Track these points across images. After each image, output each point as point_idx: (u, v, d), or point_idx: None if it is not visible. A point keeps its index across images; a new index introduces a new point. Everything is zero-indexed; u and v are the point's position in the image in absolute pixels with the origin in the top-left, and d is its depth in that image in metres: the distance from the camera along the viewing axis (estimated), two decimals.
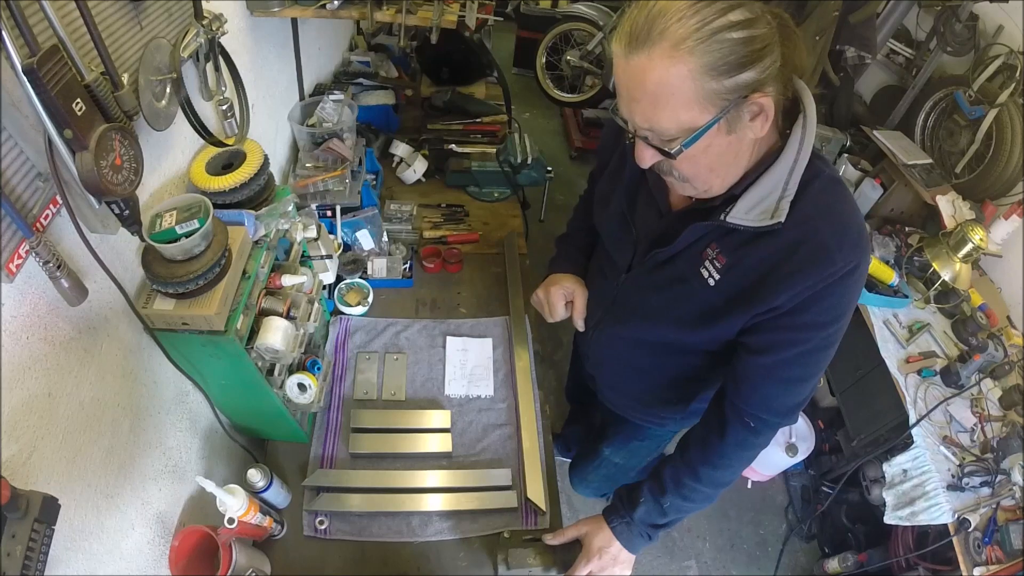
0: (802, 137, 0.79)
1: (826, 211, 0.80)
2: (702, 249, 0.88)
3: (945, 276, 1.83)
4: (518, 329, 1.56)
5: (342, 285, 1.59)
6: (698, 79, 0.68)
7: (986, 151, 2.08)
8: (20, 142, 0.66)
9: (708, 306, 0.90)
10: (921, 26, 2.45)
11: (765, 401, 0.92)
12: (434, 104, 2.18)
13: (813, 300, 0.81)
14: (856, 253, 0.80)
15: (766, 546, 2.23)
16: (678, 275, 0.92)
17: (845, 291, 0.82)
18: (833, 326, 0.85)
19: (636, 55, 0.69)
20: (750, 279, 0.84)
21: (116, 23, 0.79)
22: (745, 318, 0.87)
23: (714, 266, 0.87)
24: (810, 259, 0.79)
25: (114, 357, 0.90)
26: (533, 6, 4.07)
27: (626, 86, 0.73)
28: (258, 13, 1.30)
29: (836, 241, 0.79)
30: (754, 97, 0.71)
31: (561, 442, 2.15)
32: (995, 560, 1.42)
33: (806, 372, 0.89)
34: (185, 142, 1.07)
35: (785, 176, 0.79)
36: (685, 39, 0.66)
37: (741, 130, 0.74)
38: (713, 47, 0.67)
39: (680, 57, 0.67)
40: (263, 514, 1.09)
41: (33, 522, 0.61)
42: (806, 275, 0.79)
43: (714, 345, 0.97)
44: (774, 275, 0.81)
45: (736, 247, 0.84)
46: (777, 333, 0.86)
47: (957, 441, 1.62)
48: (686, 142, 0.73)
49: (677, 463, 1.01)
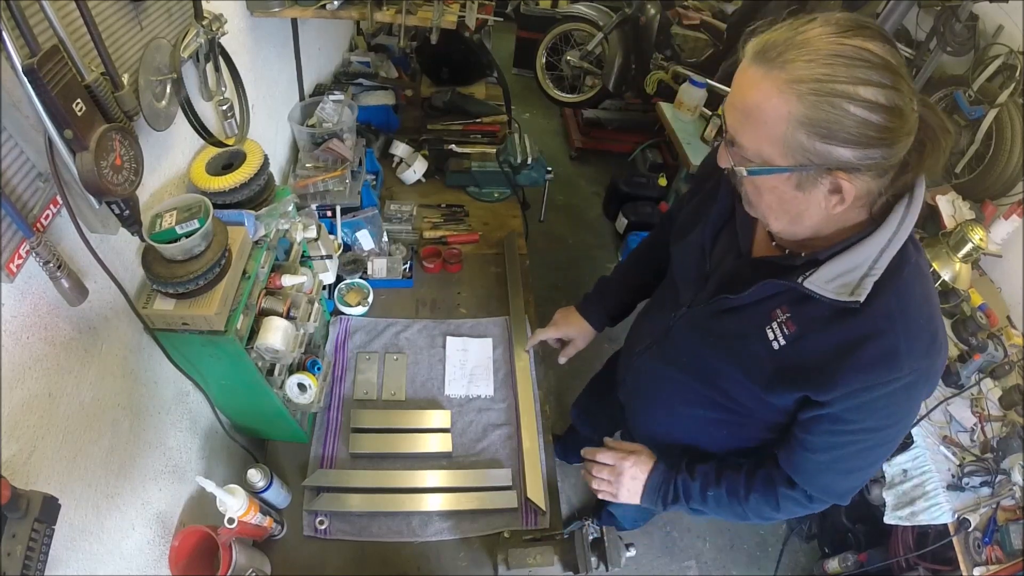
0: (902, 220, 0.74)
1: (907, 309, 0.75)
2: (772, 309, 0.83)
3: (945, 276, 1.83)
4: (518, 329, 1.56)
5: (342, 285, 1.59)
6: (792, 125, 0.66)
7: (986, 151, 2.08)
8: (20, 142, 0.66)
9: (763, 370, 0.85)
10: (921, 26, 2.45)
11: (824, 487, 0.92)
12: (434, 104, 2.18)
13: (871, 404, 0.78)
14: (926, 362, 0.76)
15: (766, 546, 2.23)
16: (741, 327, 0.87)
17: (907, 399, 0.79)
18: (892, 429, 0.82)
19: (755, 67, 0.68)
20: (812, 358, 0.79)
21: (116, 23, 0.79)
22: (792, 396, 0.84)
23: (782, 331, 0.82)
24: (876, 359, 0.75)
25: (114, 357, 0.90)
26: (533, 6, 4.08)
27: (735, 87, 0.72)
28: (258, 13, 1.30)
29: (907, 346, 0.74)
30: (838, 175, 0.68)
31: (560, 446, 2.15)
32: (995, 560, 1.42)
33: (862, 464, 0.88)
34: (185, 142, 1.07)
35: (875, 255, 0.74)
36: (802, 82, 0.64)
37: (812, 194, 0.72)
38: (824, 107, 0.64)
39: (788, 94, 0.65)
40: (263, 514, 1.09)
41: (33, 522, 0.61)
42: (866, 375, 0.75)
43: (759, 412, 0.93)
44: (835, 363, 0.77)
45: (808, 319, 0.80)
46: (833, 436, 0.84)
47: (957, 441, 1.62)
48: (752, 170, 0.73)
49: (738, 478, 0.99)
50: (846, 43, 0.63)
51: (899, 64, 0.65)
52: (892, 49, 0.65)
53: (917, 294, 0.77)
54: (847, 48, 0.63)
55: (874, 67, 0.63)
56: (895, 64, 0.64)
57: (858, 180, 0.68)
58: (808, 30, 0.66)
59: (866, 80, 0.63)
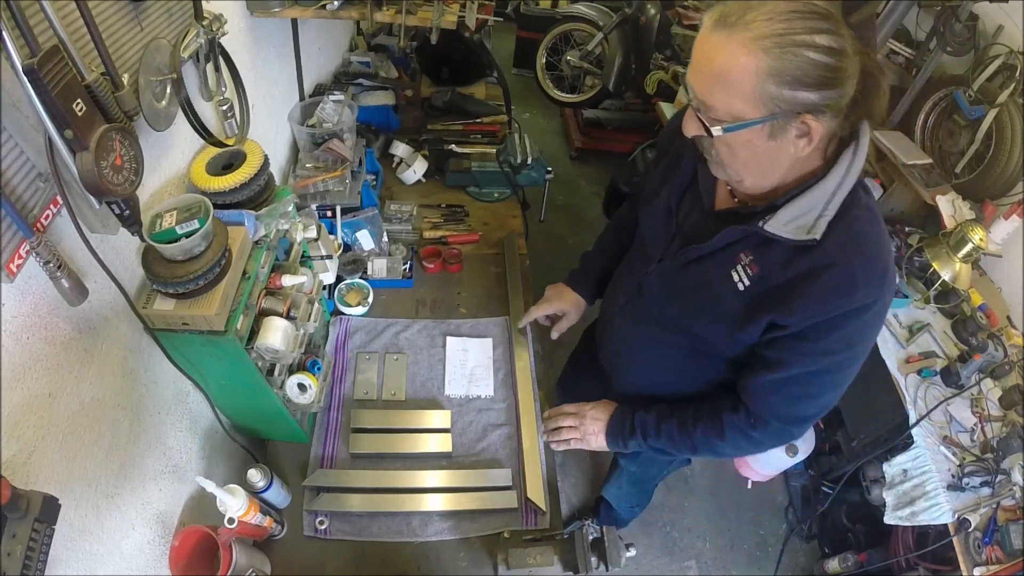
0: (851, 164, 0.82)
1: (860, 241, 0.82)
2: (736, 253, 0.91)
3: (945, 276, 1.83)
4: (518, 329, 1.56)
5: (342, 285, 1.59)
6: (761, 78, 0.72)
7: (986, 151, 2.08)
8: (20, 142, 0.66)
9: (732, 309, 0.92)
10: (921, 26, 2.45)
11: (770, 408, 0.98)
12: (434, 104, 2.18)
13: (827, 327, 0.84)
14: (878, 292, 0.83)
15: (766, 546, 2.23)
16: (708, 275, 0.94)
17: (860, 324, 0.84)
18: (844, 354, 0.88)
19: (718, 32, 0.73)
20: (776, 291, 0.87)
21: (116, 23, 0.79)
22: (762, 324, 0.90)
23: (746, 272, 0.89)
24: (832, 286, 0.81)
25: (114, 357, 0.90)
26: (533, 6, 4.08)
27: (697, 56, 0.77)
28: (258, 13, 1.30)
29: (862, 273, 0.81)
30: (806, 117, 0.74)
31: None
32: (995, 560, 1.42)
33: (811, 391, 0.93)
34: (185, 142, 1.07)
35: (827, 196, 0.81)
36: (766, 37, 0.70)
37: (783, 141, 0.78)
38: (787, 56, 0.70)
39: (753, 51, 0.71)
40: (263, 514, 1.09)
41: (33, 522, 0.61)
42: (824, 299, 0.82)
43: (731, 350, 1.00)
44: (797, 290, 0.84)
45: (770, 261, 0.87)
46: (788, 353, 0.89)
47: (957, 441, 1.62)
48: (728, 127, 0.77)
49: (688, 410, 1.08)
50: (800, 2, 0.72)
51: (837, 13, 0.74)
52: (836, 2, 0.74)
53: (868, 231, 0.84)
54: (798, 3, 0.72)
55: (822, 17, 0.72)
56: (835, 14, 0.73)
57: (822, 120, 0.75)
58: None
59: (819, 29, 0.71)
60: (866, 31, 2.20)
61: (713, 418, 1.04)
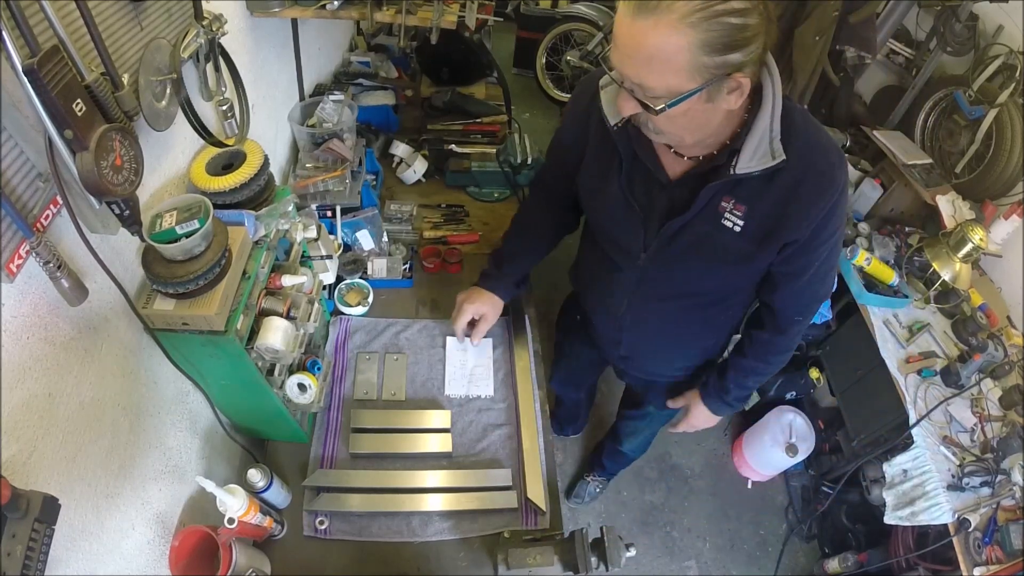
0: (773, 87, 0.89)
1: (812, 142, 0.93)
2: (717, 204, 0.97)
3: (945, 276, 1.83)
4: (518, 329, 1.56)
5: (342, 285, 1.59)
6: (693, 52, 0.76)
7: (986, 151, 2.08)
8: (20, 142, 0.66)
9: (740, 249, 1.00)
10: (921, 26, 2.45)
11: (808, 302, 1.13)
12: (434, 104, 2.18)
13: (826, 219, 0.96)
14: (844, 169, 0.95)
15: (766, 546, 2.23)
16: (702, 234, 1.01)
17: (844, 200, 0.97)
18: (841, 229, 1.03)
19: (642, 19, 0.75)
20: (772, 217, 0.96)
21: (116, 23, 0.79)
22: (775, 249, 0.99)
23: (735, 215, 0.97)
24: (816, 188, 0.93)
25: (114, 357, 0.90)
26: (533, 6, 4.07)
27: (625, 44, 0.79)
28: (258, 13, 1.30)
29: (828, 165, 0.93)
30: (736, 76, 0.80)
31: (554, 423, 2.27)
32: (995, 560, 1.42)
33: (830, 266, 1.09)
34: (185, 142, 1.07)
35: (768, 121, 0.89)
36: (690, 14, 0.73)
37: (718, 101, 0.83)
38: (713, 27, 0.74)
39: (682, 30, 0.74)
40: (263, 514, 1.09)
41: (33, 522, 0.61)
42: (817, 202, 0.93)
43: (751, 280, 1.12)
44: (791, 208, 0.94)
45: (749, 194, 0.95)
46: (806, 257, 1.01)
47: (957, 441, 1.62)
48: (670, 103, 0.81)
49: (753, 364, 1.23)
50: None
51: None
52: None
53: (811, 128, 0.94)
54: None
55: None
56: None
57: (748, 73, 0.81)
58: None
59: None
60: (866, 31, 2.20)
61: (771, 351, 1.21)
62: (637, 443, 1.91)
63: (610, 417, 2.00)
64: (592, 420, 2.44)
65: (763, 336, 1.20)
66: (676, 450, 2.45)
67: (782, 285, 1.08)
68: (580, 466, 2.35)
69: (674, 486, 2.35)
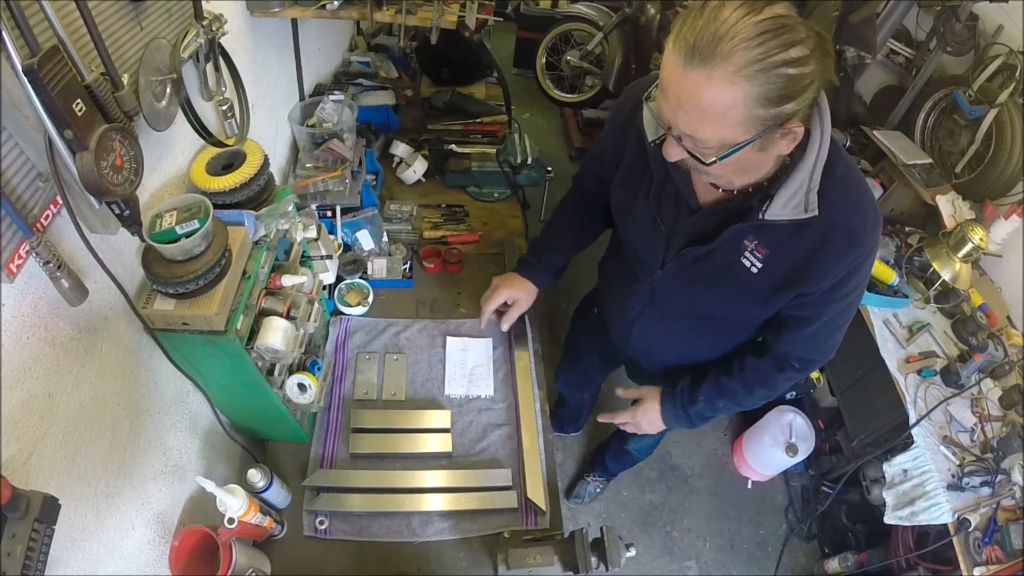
0: (821, 135, 0.85)
1: (851, 199, 0.89)
2: (740, 242, 0.96)
3: (945, 276, 1.83)
4: (518, 329, 1.56)
5: (342, 285, 1.59)
6: (748, 106, 0.73)
7: (986, 151, 2.08)
8: (20, 142, 0.66)
9: (753, 290, 0.99)
10: (921, 26, 2.45)
11: (810, 351, 1.10)
12: (434, 104, 2.18)
13: (847, 278, 0.94)
14: (877, 231, 0.93)
15: (766, 546, 2.23)
16: (719, 266, 1.00)
17: (869, 262, 0.96)
18: (859, 289, 1.00)
19: (696, 70, 0.72)
20: (792, 266, 0.94)
21: (116, 23, 0.79)
22: (790, 297, 0.98)
23: (755, 256, 0.95)
24: (844, 245, 0.90)
25: (114, 357, 0.90)
26: (533, 6, 4.07)
27: (676, 94, 0.76)
28: (258, 13, 1.30)
29: (861, 224, 0.90)
30: (790, 124, 0.77)
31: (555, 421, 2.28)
32: (995, 560, 1.42)
33: (842, 322, 1.06)
34: (185, 142, 1.07)
35: (810, 171, 0.86)
36: (747, 66, 0.70)
37: (770, 148, 0.81)
38: (771, 79, 0.71)
39: (738, 83, 0.71)
40: (263, 514, 1.09)
41: (33, 522, 0.61)
42: (842, 259, 0.91)
43: (760, 317, 1.10)
44: (814, 261, 0.92)
45: (774, 239, 0.93)
46: (820, 307, 0.99)
47: (957, 441, 1.62)
48: (722, 156, 0.79)
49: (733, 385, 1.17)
50: (764, 18, 0.70)
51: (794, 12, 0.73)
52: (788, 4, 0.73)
53: (853, 183, 0.91)
54: (767, 23, 0.70)
55: (790, 28, 0.71)
56: (795, 16, 0.73)
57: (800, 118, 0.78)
58: (725, 17, 0.71)
59: (791, 42, 0.71)
60: (866, 31, 2.20)
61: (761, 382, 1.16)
62: (644, 444, 1.90)
63: None
64: (592, 420, 2.44)
65: (758, 364, 1.15)
66: (676, 450, 2.45)
67: (787, 328, 1.06)
68: (580, 466, 2.35)
69: (674, 486, 2.35)
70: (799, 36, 0.71)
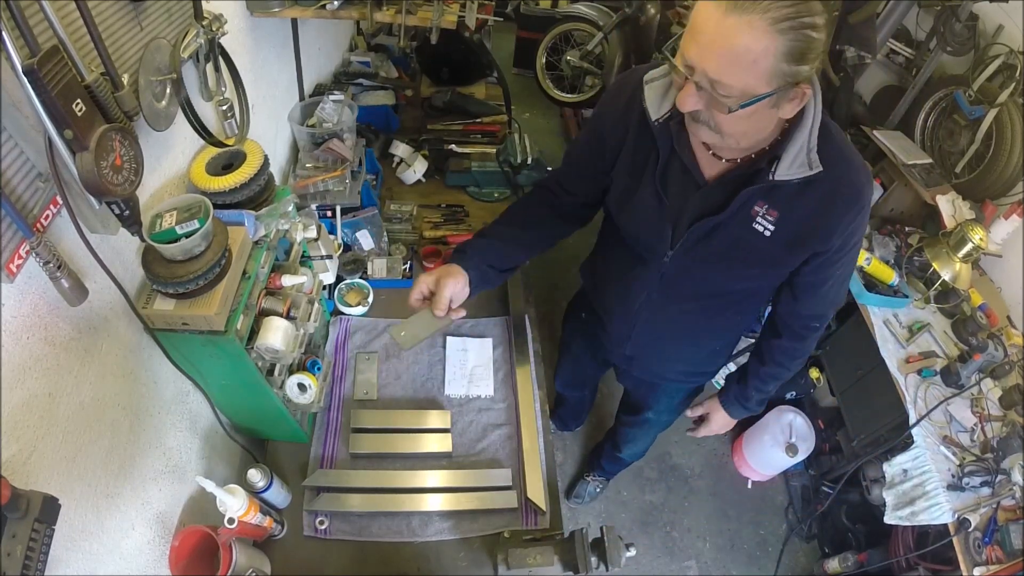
0: (815, 99, 0.90)
1: (845, 156, 0.95)
2: (750, 209, 0.99)
3: (945, 276, 1.83)
4: (518, 329, 1.56)
5: (342, 285, 1.59)
6: (777, 58, 0.77)
7: (986, 151, 2.08)
8: (20, 142, 0.66)
9: (768, 253, 1.02)
10: (921, 26, 2.45)
11: (827, 306, 1.15)
12: (434, 104, 2.18)
13: (853, 232, 0.99)
14: (871, 184, 0.99)
15: (766, 546, 2.23)
16: (731, 239, 1.02)
17: (868, 214, 1.01)
18: (860, 238, 1.05)
19: (735, 15, 0.75)
20: (804, 226, 0.98)
21: (116, 23, 0.79)
22: (805, 255, 1.02)
23: (767, 220, 0.99)
24: (850, 201, 0.96)
25: (114, 357, 0.90)
26: (533, 6, 4.07)
27: (710, 39, 0.78)
28: (258, 13, 1.30)
29: (858, 178, 0.96)
30: (803, 86, 0.82)
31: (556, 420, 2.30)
32: (995, 560, 1.42)
33: (848, 273, 1.11)
34: (185, 142, 1.07)
35: (808, 132, 0.91)
36: (782, 21, 0.74)
37: (781, 108, 0.85)
38: (799, 37, 0.76)
39: (772, 34, 0.75)
40: (263, 514, 1.09)
41: (33, 522, 0.61)
42: (850, 214, 0.96)
43: (774, 284, 1.15)
44: (823, 219, 0.96)
45: (783, 200, 0.97)
46: (833, 266, 1.04)
47: (957, 441, 1.62)
48: (743, 103, 0.81)
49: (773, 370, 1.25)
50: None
51: None
52: None
53: (844, 144, 0.96)
54: None
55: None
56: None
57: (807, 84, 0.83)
58: None
59: (814, 10, 0.76)
60: (866, 31, 2.20)
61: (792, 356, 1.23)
62: (636, 450, 1.91)
63: (609, 418, 2.00)
64: (592, 420, 2.44)
65: (782, 344, 1.21)
66: (676, 450, 2.45)
67: (804, 294, 1.11)
68: (580, 466, 2.35)
69: (674, 486, 2.35)
70: (818, 6, 0.77)
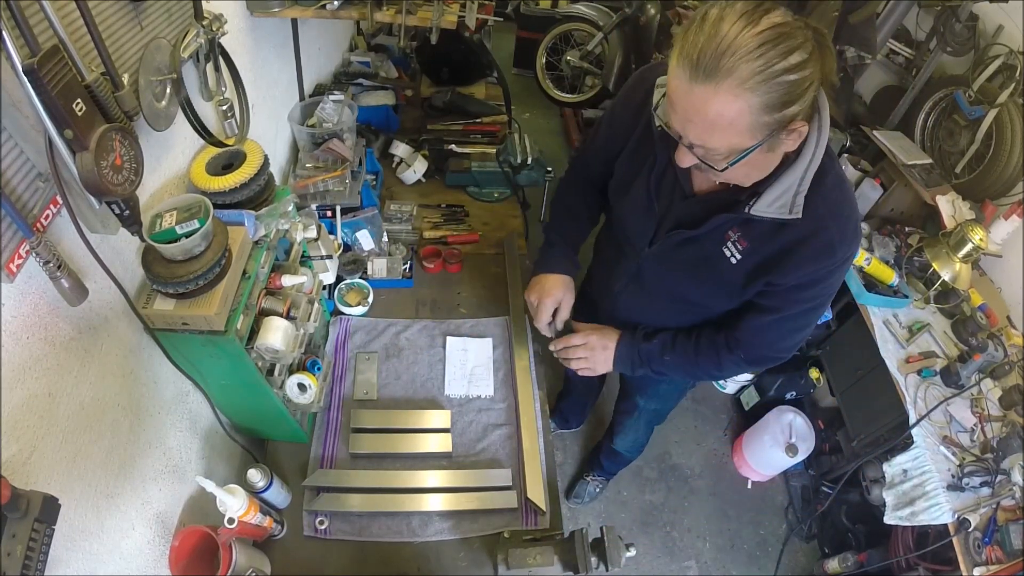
0: (817, 140, 0.88)
1: (834, 210, 0.93)
2: (724, 232, 1.00)
3: (945, 276, 1.83)
4: (518, 329, 1.56)
5: (342, 285, 1.59)
6: (755, 114, 0.76)
7: (986, 151, 2.08)
8: (20, 142, 0.66)
9: (729, 278, 1.04)
10: (921, 26, 2.45)
11: (767, 343, 1.13)
12: (434, 104, 2.18)
13: (815, 281, 0.99)
14: (852, 247, 0.97)
15: (766, 546, 2.23)
16: (702, 253, 1.04)
17: (840, 274, 1.00)
18: (827, 295, 1.04)
19: (701, 85, 0.75)
20: (766, 260, 0.99)
21: (116, 23, 0.79)
22: (759, 286, 1.02)
23: (736, 248, 1.00)
24: (818, 252, 0.94)
25: (114, 357, 0.90)
26: (533, 6, 4.07)
27: (684, 108, 0.80)
28: (258, 13, 1.30)
29: (839, 238, 0.93)
30: (794, 125, 0.80)
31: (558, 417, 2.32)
32: (995, 560, 1.42)
33: (800, 325, 1.09)
34: (185, 142, 1.07)
35: (801, 175, 0.89)
36: (750, 78, 0.73)
37: (778, 147, 0.85)
38: (773, 87, 0.74)
39: (743, 95, 0.74)
40: (263, 514, 1.09)
41: (33, 522, 0.61)
42: (813, 264, 0.95)
43: (730, 304, 1.14)
44: (787, 259, 0.96)
45: (757, 235, 0.97)
46: (783, 300, 1.03)
47: (957, 441, 1.62)
48: (732, 161, 0.82)
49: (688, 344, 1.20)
50: (763, 30, 0.73)
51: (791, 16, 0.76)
52: (784, 9, 0.76)
53: (840, 198, 0.94)
54: (765, 33, 0.73)
55: (788, 36, 0.74)
56: (792, 21, 0.75)
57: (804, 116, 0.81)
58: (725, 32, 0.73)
59: (789, 50, 0.73)
60: (866, 31, 2.20)
61: (710, 354, 1.17)
62: (630, 441, 1.92)
63: (609, 417, 2.01)
64: (592, 420, 2.44)
65: (714, 337, 1.17)
66: (676, 450, 2.45)
67: (747, 314, 1.10)
68: (580, 466, 2.35)
69: (674, 486, 2.35)
70: (797, 42, 0.74)
